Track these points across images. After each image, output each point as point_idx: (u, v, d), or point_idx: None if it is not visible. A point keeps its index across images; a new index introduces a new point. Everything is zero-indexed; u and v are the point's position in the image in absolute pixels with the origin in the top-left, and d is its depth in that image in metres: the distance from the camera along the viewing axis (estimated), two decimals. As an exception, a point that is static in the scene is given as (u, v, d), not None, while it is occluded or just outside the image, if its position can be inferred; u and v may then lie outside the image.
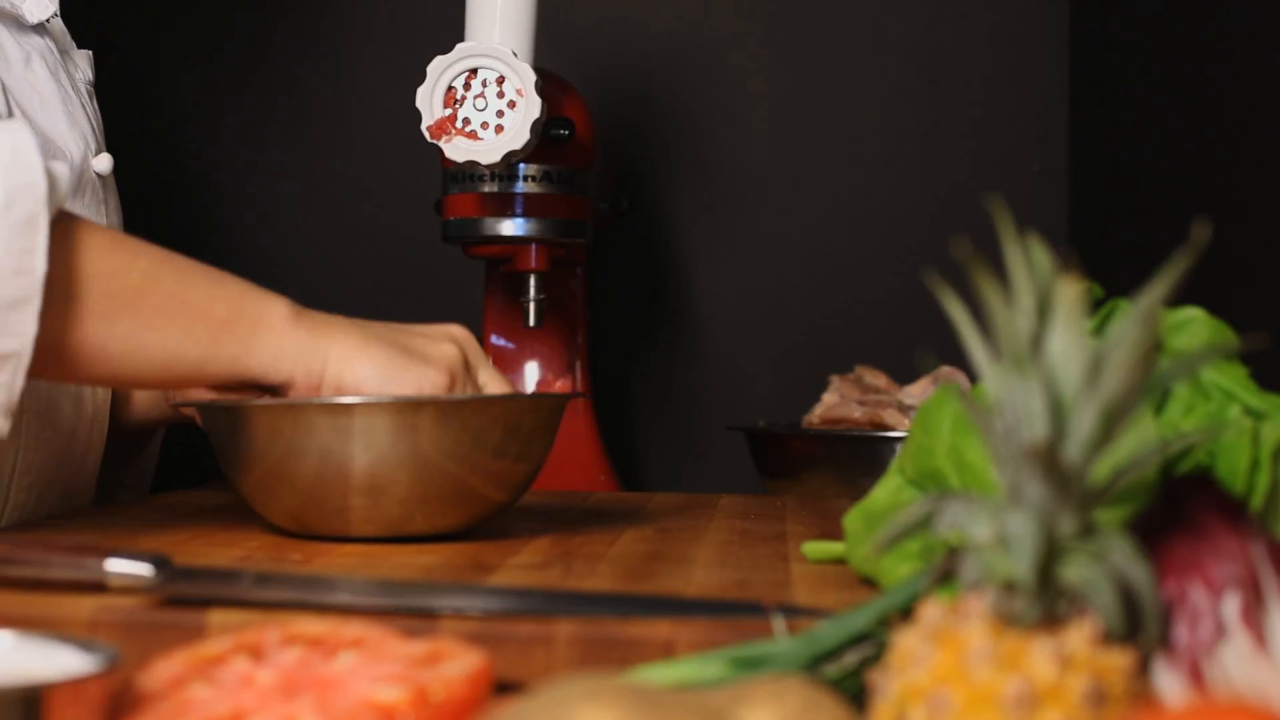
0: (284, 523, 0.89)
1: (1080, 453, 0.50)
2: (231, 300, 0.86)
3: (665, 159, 1.75)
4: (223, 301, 0.86)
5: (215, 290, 0.86)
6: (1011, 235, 0.51)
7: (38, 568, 0.70)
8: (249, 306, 0.86)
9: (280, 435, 0.84)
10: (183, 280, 0.85)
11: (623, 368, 1.75)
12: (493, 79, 1.22)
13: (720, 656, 0.57)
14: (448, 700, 0.54)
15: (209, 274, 0.87)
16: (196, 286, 0.86)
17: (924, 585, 0.56)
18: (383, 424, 0.83)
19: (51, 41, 1.09)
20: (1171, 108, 1.45)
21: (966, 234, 0.56)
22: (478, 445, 0.86)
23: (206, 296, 0.85)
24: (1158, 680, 0.50)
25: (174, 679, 0.56)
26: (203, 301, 0.85)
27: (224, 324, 0.85)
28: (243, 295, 0.87)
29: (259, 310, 0.86)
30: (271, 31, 1.76)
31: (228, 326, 0.85)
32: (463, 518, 0.88)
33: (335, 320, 0.89)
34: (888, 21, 1.75)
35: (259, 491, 0.88)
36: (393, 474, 0.84)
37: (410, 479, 0.85)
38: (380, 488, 0.84)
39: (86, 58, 1.15)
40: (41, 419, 1.01)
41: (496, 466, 0.87)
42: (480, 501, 0.88)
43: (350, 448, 0.83)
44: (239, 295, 0.87)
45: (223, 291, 0.86)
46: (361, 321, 0.90)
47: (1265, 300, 1.19)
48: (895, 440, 1.34)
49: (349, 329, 0.88)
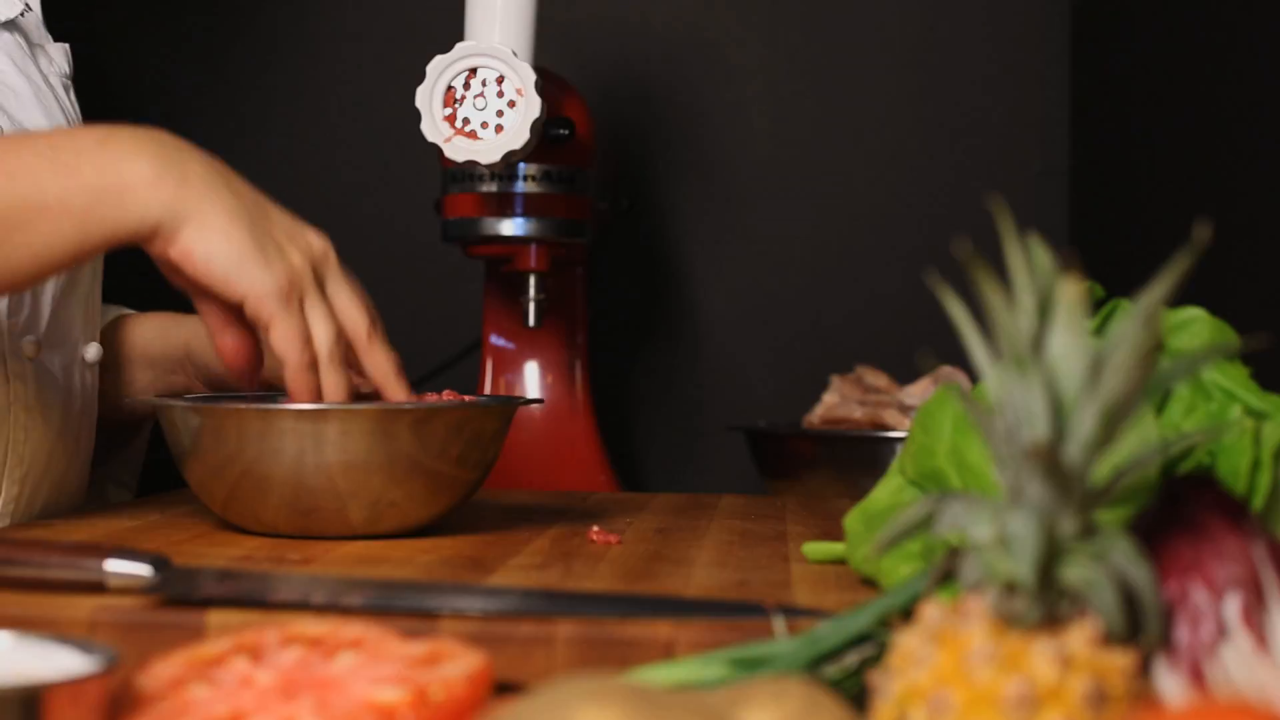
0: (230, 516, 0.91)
1: (1081, 453, 0.50)
2: (89, 185, 0.84)
3: (665, 159, 1.75)
4: (80, 192, 0.84)
5: (71, 180, 0.84)
6: (1012, 235, 0.51)
7: (37, 568, 0.70)
8: (110, 179, 0.85)
9: (226, 440, 0.87)
10: (35, 181, 0.84)
11: (623, 368, 1.75)
12: (492, 78, 1.22)
13: (720, 657, 0.57)
14: (448, 700, 0.54)
15: (57, 155, 0.85)
16: (48, 181, 0.84)
17: (924, 586, 0.56)
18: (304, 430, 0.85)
19: (22, 37, 1.09)
20: (1172, 108, 1.45)
21: (967, 234, 0.56)
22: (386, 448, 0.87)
23: (62, 189, 0.84)
24: (1159, 681, 0.50)
25: (173, 679, 0.56)
26: (59, 195, 0.84)
27: (88, 210, 0.84)
28: (100, 168, 0.85)
29: (121, 180, 0.85)
30: (271, 31, 1.76)
31: (93, 211, 0.84)
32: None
33: (204, 177, 0.87)
34: (888, 21, 1.75)
35: (211, 490, 0.90)
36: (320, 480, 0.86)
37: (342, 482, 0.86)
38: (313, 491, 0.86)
39: (63, 51, 1.15)
40: (30, 411, 1.01)
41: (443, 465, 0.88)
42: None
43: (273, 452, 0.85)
44: (96, 170, 0.85)
45: (77, 179, 0.84)
46: (229, 182, 0.88)
47: (1266, 300, 1.19)
48: (896, 440, 1.34)
49: (216, 193, 0.86)
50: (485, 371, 1.48)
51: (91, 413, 1.10)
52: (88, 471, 1.11)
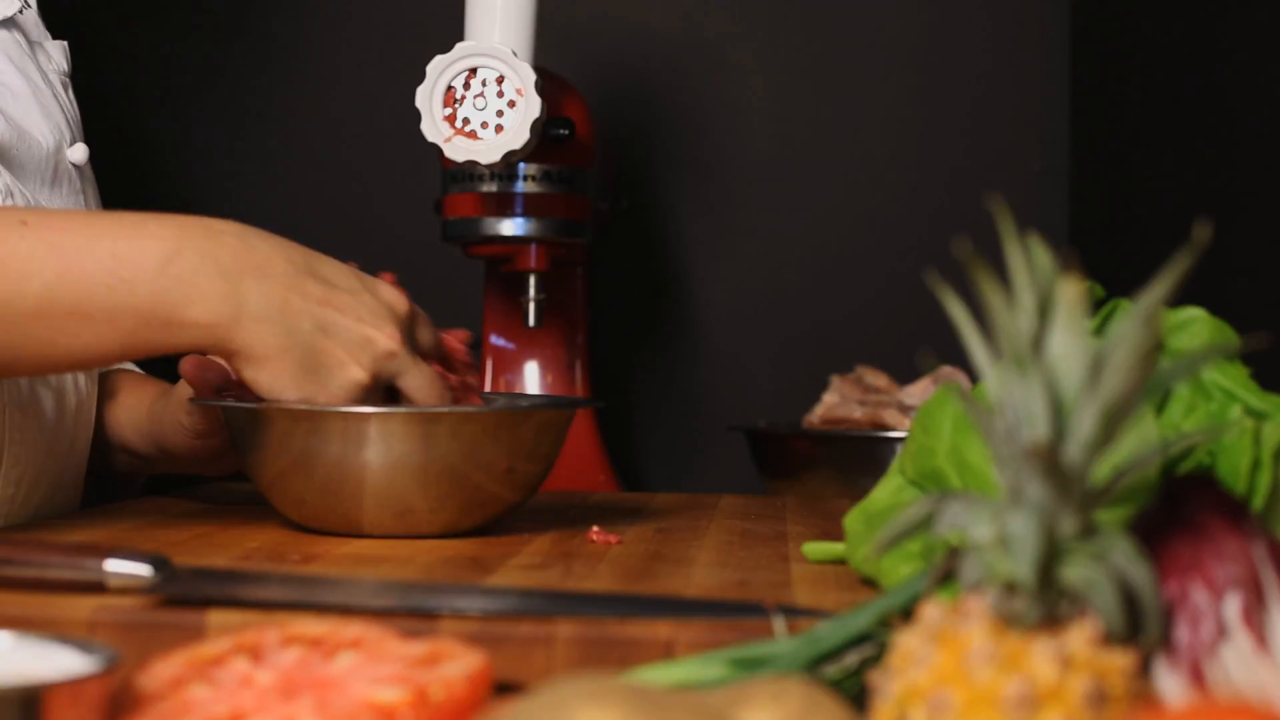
0: (297, 517, 0.91)
1: (1081, 453, 0.50)
2: (141, 309, 0.84)
3: (665, 159, 1.75)
4: (131, 315, 0.84)
5: (125, 300, 0.83)
6: (1012, 235, 0.51)
7: (37, 568, 0.70)
8: (163, 310, 0.84)
9: (293, 437, 0.88)
10: (88, 291, 0.83)
11: (623, 368, 1.75)
12: (492, 78, 1.22)
13: (720, 657, 0.57)
14: (448, 700, 0.54)
15: (117, 268, 0.83)
16: (101, 296, 0.83)
17: (924, 586, 0.56)
18: (394, 432, 0.87)
19: (20, 34, 1.09)
20: (1172, 107, 1.45)
21: (967, 234, 0.55)
22: (485, 452, 0.89)
23: (114, 308, 0.83)
24: (1159, 681, 0.50)
25: (173, 679, 0.56)
26: (109, 311, 0.83)
27: (134, 333, 0.85)
28: (156, 296, 0.84)
29: (172, 315, 0.84)
30: (271, 30, 1.76)
31: (139, 334, 0.85)
32: (466, 519, 0.91)
33: (261, 310, 0.85)
34: (888, 21, 1.75)
35: (275, 488, 0.91)
36: (403, 480, 0.87)
37: (420, 485, 0.87)
38: (385, 493, 0.87)
39: (61, 49, 1.14)
40: (24, 412, 1.00)
41: (504, 470, 0.90)
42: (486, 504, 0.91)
43: (364, 453, 0.86)
44: (152, 297, 0.84)
45: (131, 301, 0.84)
46: (289, 301, 0.86)
47: (1266, 300, 1.19)
48: (896, 440, 1.34)
49: (270, 328, 0.85)
50: (485, 371, 1.48)
51: (87, 413, 1.10)
52: (83, 473, 1.11)
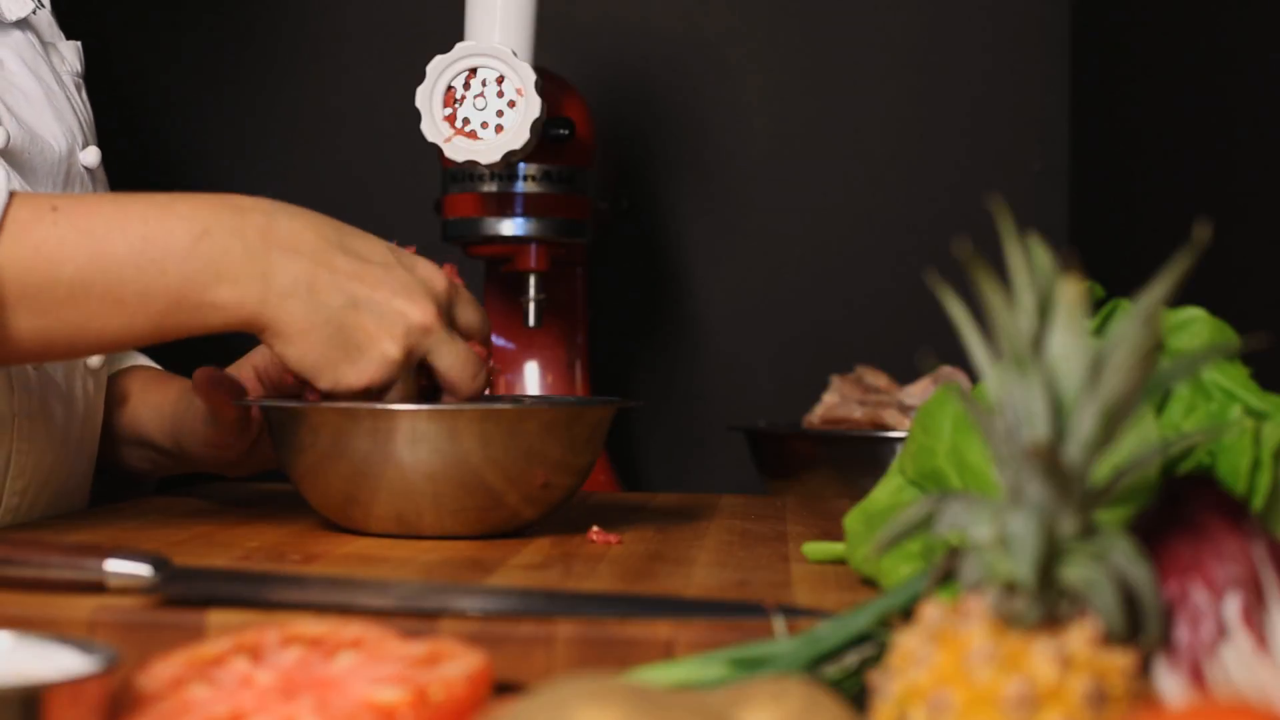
0: (328, 512, 0.92)
1: (1081, 453, 0.50)
2: (170, 290, 0.84)
3: (665, 159, 1.75)
4: (161, 296, 0.84)
5: (154, 282, 0.84)
6: (1012, 235, 0.51)
7: (37, 568, 0.70)
8: (192, 291, 0.84)
9: (322, 434, 0.88)
10: (118, 273, 0.84)
11: (623, 368, 1.75)
12: (492, 78, 1.22)
13: (720, 657, 0.57)
14: (447, 700, 0.54)
15: (146, 249, 0.84)
16: (131, 277, 0.84)
17: (924, 586, 0.56)
18: (422, 430, 0.86)
19: (34, 36, 1.09)
20: (1172, 107, 1.45)
21: (967, 234, 0.55)
22: (517, 452, 0.88)
23: (144, 289, 0.84)
24: (1159, 681, 0.50)
25: (173, 679, 0.56)
26: (139, 294, 0.84)
27: (165, 315, 0.85)
28: (186, 276, 0.84)
29: (202, 296, 0.85)
30: (271, 30, 1.76)
31: (169, 316, 0.85)
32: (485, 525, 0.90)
33: (289, 286, 0.86)
34: (887, 21, 1.75)
35: (306, 481, 0.91)
36: (428, 479, 0.87)
37: (453, 486, 0.87)
38: (407, 492, 0.87)
39: (75, 50, 1.14)
40: (33, 420, 1.00)
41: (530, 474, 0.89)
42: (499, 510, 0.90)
43: (390, 450, 0.86)
44: (182, 277, 0.84)
45: (161, 282, 0.84)
46: (317, 276, 0.87)
47: (1266, 300, 1.19)
48: (895, 440, 1.34)
49: (298, 301, 0.86)
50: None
51: (95, 420, 1.09)
52: (90, 477, 1.11)
